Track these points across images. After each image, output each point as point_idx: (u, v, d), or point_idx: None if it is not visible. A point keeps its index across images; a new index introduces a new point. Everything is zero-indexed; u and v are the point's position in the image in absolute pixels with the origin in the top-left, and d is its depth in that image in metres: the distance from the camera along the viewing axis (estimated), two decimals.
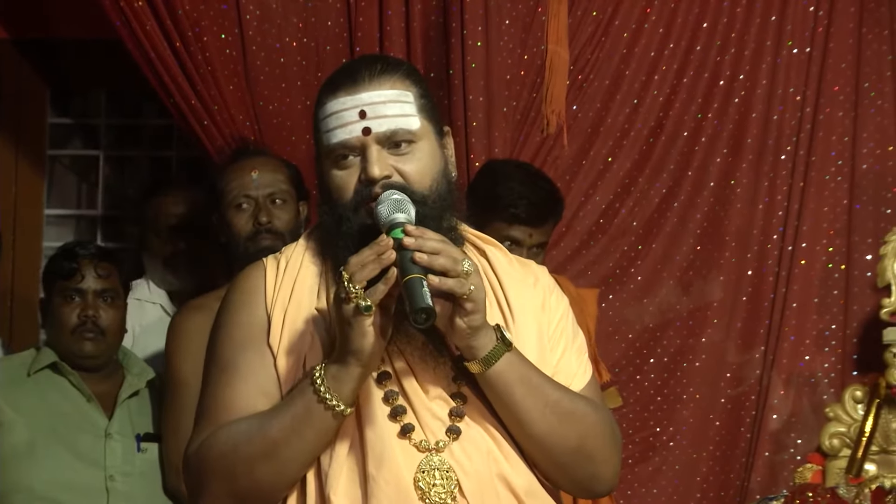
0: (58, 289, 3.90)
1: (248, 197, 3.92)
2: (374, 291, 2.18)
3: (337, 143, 2.32)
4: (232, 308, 2.38)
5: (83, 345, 3.88)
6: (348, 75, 2.34)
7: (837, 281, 4.39)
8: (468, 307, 2.22)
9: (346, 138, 2.31)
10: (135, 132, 5.40)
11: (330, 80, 2.36)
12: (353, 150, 2.32)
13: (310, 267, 2.38)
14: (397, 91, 2.34)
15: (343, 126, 2.31)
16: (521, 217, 3.87)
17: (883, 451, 4.14)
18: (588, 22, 4.40)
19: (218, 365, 2.34)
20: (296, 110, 4.38)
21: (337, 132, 2.32)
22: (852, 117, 4.41)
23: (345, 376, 2.22)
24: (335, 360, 2.23)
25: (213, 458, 2.26)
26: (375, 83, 2.33)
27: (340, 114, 2.32)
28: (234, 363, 2.32)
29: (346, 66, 2.39)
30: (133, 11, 4.22)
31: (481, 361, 2.27)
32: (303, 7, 4.39)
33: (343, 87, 2.33)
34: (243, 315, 2.35)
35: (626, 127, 4.43)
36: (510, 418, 2.31)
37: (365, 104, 2.31)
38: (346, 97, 2.32)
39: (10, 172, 5.13)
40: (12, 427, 3.81)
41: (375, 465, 2.25)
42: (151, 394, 4.00)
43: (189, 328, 3.90)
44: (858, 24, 4.42)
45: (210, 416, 2.31)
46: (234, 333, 2.34)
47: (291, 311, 2.33)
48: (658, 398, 4.40)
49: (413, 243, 2.19)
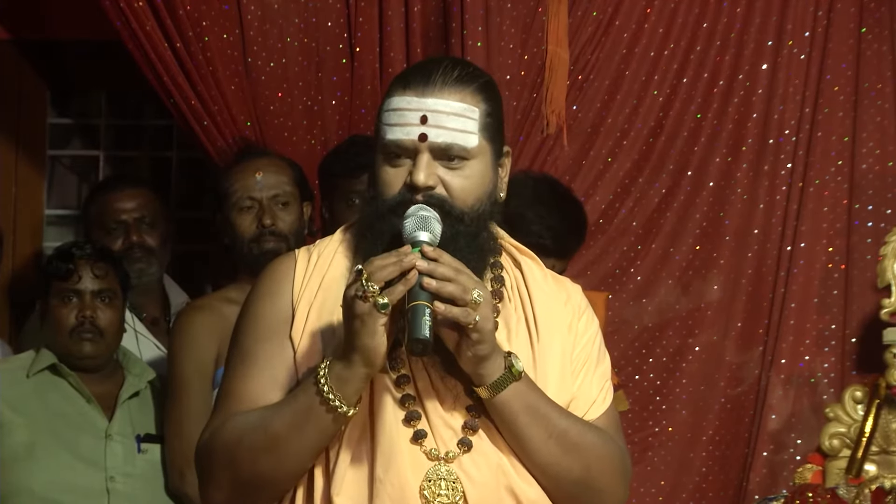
0: (55, 290, 3.89)
1: (252, 199, 3.92)
2: (391, 291, 2.18)
3: (392, 140, 2.32)
4: (257, 298, 2.38)
5: (82, 346, 3.88)
6: (423, 75, 2.33)
7: (837, 281, 4.39)
8: (474, 337, 2.23)
9: (402, 139, 2.31)
10: (135, 132, 5.40)
11: (404, 74, 2.36)
12: (406, 151, 2.31)
13: (341, 261, 2.37)
14: (464, 105, 2.32)
15: (402, 125, 2.31)
16: (548, 248, 3.87)
17: (883, 452, 4.14)
18: (588, 22, 4.40)
19: (238, 354, 2.35)
20: (297, 110, 4.38)
21: (395, 129, 2.31)
22: (852, 117, 4.41)
23: (349, 376, 2.22)
24: (340, 358, 2.22)
25: (219, 447, 2.28)
26: (446, 91, 2.32)
27: (403, 112, 2.31)
28: (254, 353, 2.32)
29: (423, 63, 2.39)
30: (133, 12, 4.21)
31: (488, 388, 2.28)
32: (303, 7, 4.39)
33: (413, 85, 2.32)
34: (267, 306, 2.35)
35: (626, 127, 4.43)
36: (514, 444, 2.32)
37: (428, 110, 2.30)
38: (412, 97, 2.31)
39: (10, 173, 5.12)
40: (12, 429, 3.81)
41: (384, 468, 2.26)
42: (152, 394, 3.99)
43: (192, 328, 3.91)
44: (858, 24, 4.42)
45: (224, 405, 2.32)
46: (257, 324, 2.35)
47: (317, 305, 2.32)
48: (657, 398, 4.40)
49: (425, 267, 2.20)
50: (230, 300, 3.96)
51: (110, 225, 4.34)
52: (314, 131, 4.41)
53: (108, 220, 4.34)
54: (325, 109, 4.42)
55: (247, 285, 3.94)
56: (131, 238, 4.32)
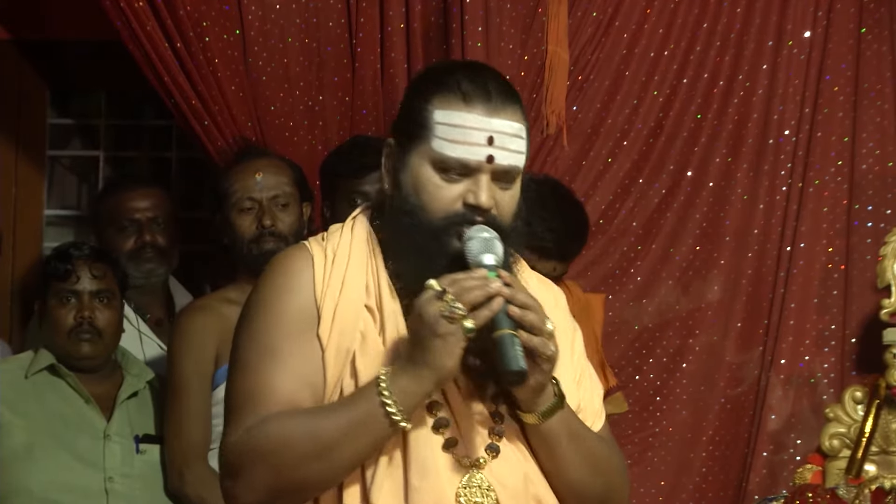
0: (53, 290, 3.89)
1: (252, 199, 3.92)
2: (477, 316, 2.18)
3: (455, 158, 2.27)
4: (276, 293, 2.31)
5: (80, 346, 3.88)
6: (481, 90, 2.29)
7: (837, 281, 4.39)
8: (545, 367, 2.24)
9: (469, 158, 2.27)
10: (135, 133, 5.40)
11: (458, 85, 2.30)
12: (468, 170, 2.28)
13: (359, 259, 2.33)
14: (520, 125, 2.31)
15: (468, 145, 2.27)
16: (550, 251, 3.87)
17: (883, 452, 4.15)
18: (588, 23, 4.40)
19: (260, 349, 2.28)
20: (297, 111, 4.38)
21: (459, 147, 2.27)
22: (852, 118, 4.41)
23: (416, 390, 2.21)
24: (407, 371, 2.21)
25: (260, 449, 2.22)
26: (507, 110, 2.29)
27: (469, 131, 2.27)
28: (280, 350, 2.27)
29: (471, 74, 2.32)
30: (134, 12, 4.21)
31: (539, 415, 2.30)
32: (304, 7, 4.39)
33: (475, 102, 2.28)
34: (290, 301, 2.30)
35: (626, 127, 4.43)
36: (549, 464, 2.33)
37: (495, 131, 2.28)
38: (478, 116, 2.27)
39: (10, 173, 5.12)
40: (11, 429, 3.80)
41: (419, 476, 2.25)
42: (151, 395, 3.99)
43: (192, 329, 3.91)
44: (858, 24, 4.42)
45: (254, 402, 2.26)
46: (281, 319, 2.29)
47: (342, 305, 2.29)
48: (657, 398, 4.40)
49: (508, 293, 2.19)
50: (230, 300, 3.97)
51: (123, 223, 4.34)
52: (315, 131, 4.41)
53: (121, 218, 4.34)
54: (325, 110, 4.42)
55: (246, 285, 3.95)
56: (144, 237, 4.32)
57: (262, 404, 2.25)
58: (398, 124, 2.35)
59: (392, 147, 2.34)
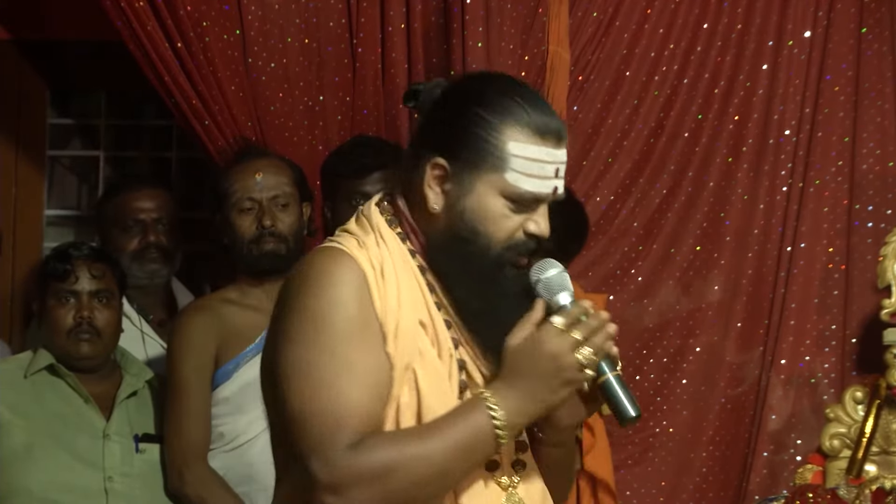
0: (52, 291, 3.88)
1: (252, 200, 3.92)
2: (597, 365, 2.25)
3: (530, 192, 2.28)
4: (338, 299, 2.24)
5: (79, 346, 3.87)
6: (551, 123, 2.30)
7: (837, 281, 4.39)
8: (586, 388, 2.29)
9: (542, 192, 2.29)
10: (135, 133, 5.40)
11: (529, 116, 2.29)
12: (537, 202, 2.30)
13: (405, 274, 2.30)
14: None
15: (542, 178, 2.28)
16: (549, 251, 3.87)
17: (883, 452, 4.15)
18: (588, 23, 4.40)
19: (334, 358, 2.22)
20: (298, 111, 4.38)
21: (535, 181, 2.28)
22: (853, 117, 4.41)
23: (525, 419, 2.24)
24: (521, 399, 2.22)
25: (372, 471, 2.18)
26: (565, 140, 2.32)
27: (544, 165, 2.28)
28: (354, 363, 2.23)
29: (542, 107, 2.32)
30: (134, 12, 4.21)
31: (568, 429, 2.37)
32: (304, 7, 4.39)
33: (548, 135, 2.29)
34: (357, 311, 2.24)
35: (627, 127, 4.43)
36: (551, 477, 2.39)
37: (559, 163, 2.30)
38: (551, 149, 2.29)
39: (10, 173, 5.12)
40: (10, 429, 3.80)
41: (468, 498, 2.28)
42: (150, 394, 3.99)
43: (192, 329, 3.91)
44: (859, 24, 4.42)
45: (344, 419, 2.20)
46: (351, 332, 2.23)
47: (402, 322, 2.26)
48: (658, 398, 4.40)
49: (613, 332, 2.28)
50: (229, 301, 3.97)
51: (128, 223, 4.33)
52: (315, 132, 4.41)
53: (126, 218, 4.34)
54: (326, 110, 4.42)
55: (246, 286, 3.97)
56: (148, 238, 4.32)
57: (352, 422, 2.20)
58: (452, 147, 2.30)
59: (445, 168, 2.30)
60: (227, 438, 3.92)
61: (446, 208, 2.30)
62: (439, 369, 2.27)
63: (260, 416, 3.87)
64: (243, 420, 3.91)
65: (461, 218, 2.29)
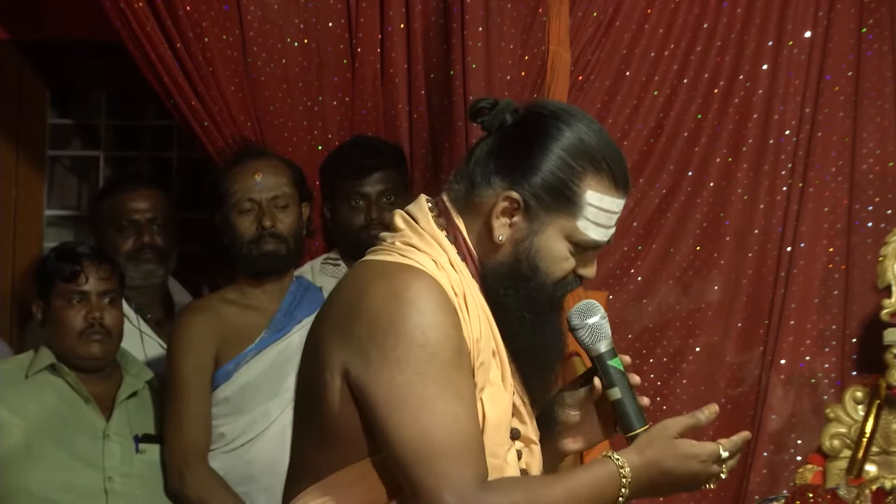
0: (59, 292, 3.87)
1: (252, 200, 3.93)
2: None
3: (595, 240, 2.33)
4: (441, 324, 2.22)
5: (90, 347, 3.87)
6: (626, 176, 2.35)
7: (837, 281, 4.38)
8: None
9: (604, 241, 2.35)
10: (135, 133, 5.40)
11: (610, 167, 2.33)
12: (595, 248, 2.35)
13: (481, 304, 2.32)
14: None
15: (607, 228, 2.34)
16: None
17: (883, 452, 4.15)
18: (588, 23, 4.39)
19: (448, 389, 2.21)
20: (297, 111, 4.38)
21: (601, 230, 2.33)
22: (853, 117, 4.41)
23: (639, 492, 2.29)
24: (644, 473, 2.28)
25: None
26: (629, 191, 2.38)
27: (612, 216, 2.34)
28: (464, 393, 2.23)
29: (620, 160, 2.36)
30: (133, 12, 4.21)
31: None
32: (304, 8, 4.39)
33: (622, 187, 2.35)
34: (459, 339, 2.24)
35: (627, 127, 4.43)
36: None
37: (620, 211, 2.35)
38: (621, 201, 2.34)
39: (11, 173, 5.12)
40: (10, 429, 3.80)
41: None
42: (150, 394, 3.99)
43: (192, 329, 3.92)
44: (859, 24, 4.42)
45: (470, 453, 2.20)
46: (456, 358, 2.23)
47: (483, 352, 2.28)
48: (658, 398, 4.39)
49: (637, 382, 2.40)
50: (229, 301, 3.97)
51: (123, 224, 4.33)
52: (314, 132, 4.41)
53: (120, 218, 4.34)
54: (325, 110, 4.42)
55: (246, 286, 3.98)
56: (143, 238, 4.32)
57: (477, 455, 2.21)
58: (532, 185, 2.31)
59: (518, 203, 2.31)
60: (227, 439, 3.92)
61: (511, 242, 2.32)
62: (504, 399, 2.30)
63: (260, 416, 3.91)
64: (243, 420, 3.91)
65: (526, 255, 2.31)
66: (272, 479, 3.85)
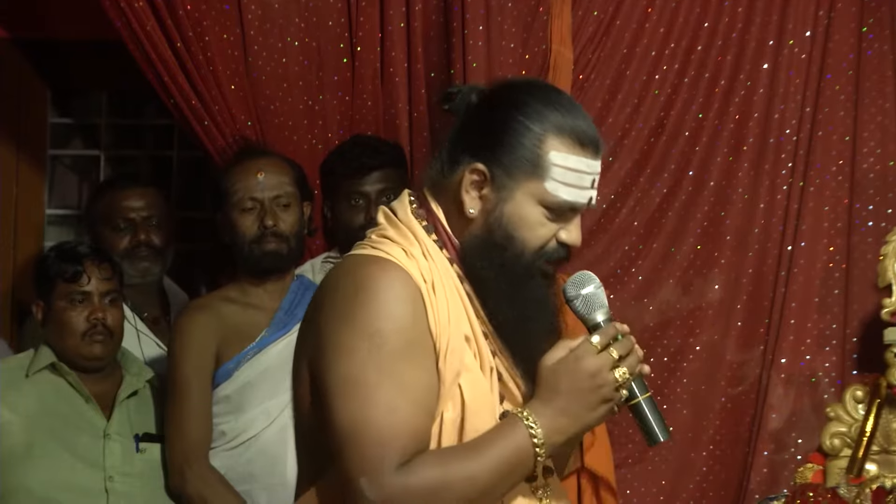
0: (61, 292, 3.86)
1: (254, 199, 3.92)
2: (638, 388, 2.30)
3: (569, 202, 2.30)
4: (394, 315, 2.23)
5: (93, 348, 3.86)
6: (590, 134, 2.31)
7: (838, 280, 4.38)
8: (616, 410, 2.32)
9: (580, 202, 2.31)
10: (136, 132, 5.40)
11: (573, 127, 2.31)
12: (572, 212, 2.32)
13: (452, 287, 2.30)
14: None
15: (580, 189, 2.30)
16: None
17: (884, 451, 4.15)
18: (589, 22, 4.40)
19: (390, 376, 2.21)
20: (297, 110, 4.38)
21: (573, 191, 2.29)
22: (853, 116, 4.41)
23: (562, 437, 2.25)
24: (559, 417, 2.23)
25: (420, 492, 2.19)
26: (601, 153, 2.34)
27: (582, 175, 2.30)
28: (407, 382, 2.22)
29: (583, 119, 2.33)
30: (134, 12, 4.22)
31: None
32: (304, 7, 4.39)
33: (589, 146, 2.31)
34: (414, 329, 2.24)
35: (627, 127, 4.43)
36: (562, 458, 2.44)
37: (596, 174, 2.32)
38: (590, 160, 2.31)
39: (11, 172, 5.12)
40: (10, 428, 3.80)
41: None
42: (151, 394, 3.99)
43: (192, 328, 3.91)
44: (859, 23, 4.42)
45: (396, 436, 2.20)
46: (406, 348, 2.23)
47: (452, 339, 2.27)
48: (658, 397, 4.33)
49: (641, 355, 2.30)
50: (230, 300, 3.97)
51: (118, 222, 4.32)
52: (315, 131, 4.41)
53: (116, 217, 4.33)
54: (325, 109, 4.42)
55: (247, 285, 3.98)
56: (139, 237, 4.31)
57: (402, 442, 2.19)
58: (493, 153, 2.31)
59: (484, 174, 2.31)
60: (228, 437, 3.92)
61: (483, 214, 2.31)
62: (483, 383, 2.28)
63: (261, 415, 3.92)
64: (244, 418, 3.91)
65: (498, 224, 2.30)
66: (273, 477, 3.86)
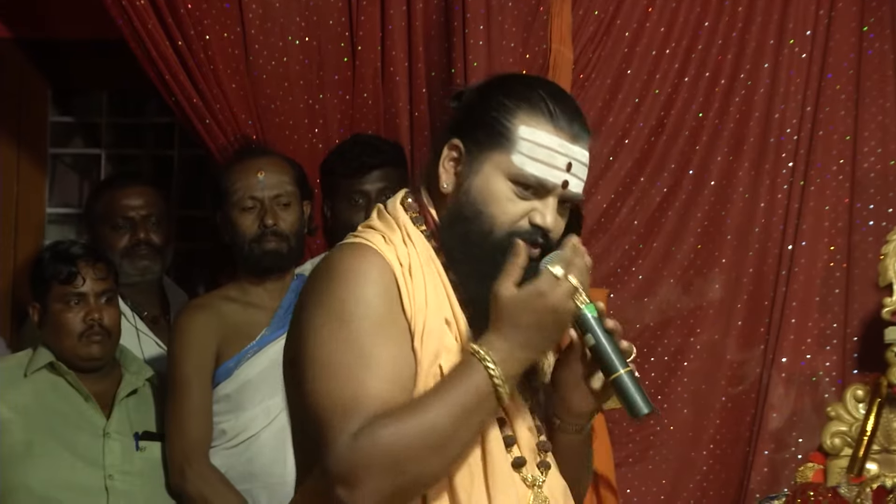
0: (57, 293, 3.86)
1: (254, 198, 3.92)
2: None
3: (535, 176, 2.27)
4: (364, 297, 2.23)
5: (91, 348, 3.86)
6: (569, 118, 2.30)
7: (839, 280, 4.39)
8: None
9: (548, 179, 2.28)
10: (136, 131, 5.40)
11: (549, 107, 2.30)
12: (541, 190, 2.29)
13: (430, 271, 2.30)
14: (588, 157, 2.34)
15: (549, 166, 2.27)
16: None
17: (884, 451, 4.15)
18: (590, 21, 4.40)
19: (354, 351, 2.20)
20: (298, 109, 4.38)
21: (540, 167, 2.27)
22: (854, 116, 4.41)
23: (520, 368, 2.22)
24: (516, 350, 2.19)
25: (377, 455, 2.15)
26: (585, 140, 2.31)
27: (553, 154, 2.27)
28: (374, 356, 2.21)
29: (564, 98, 2.33)
30: (135, 10, 4.22)
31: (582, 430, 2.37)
32: (305, 6, 4.39)
33: (563, 127, 2.29)
34: (383, 307, 2.23)
35: (628, 126, 4.43)
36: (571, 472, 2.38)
37: (574, 158, 2.28)
38: (563, 141, 2.28)
39: (12, 171, 5.13)
40: (10, 428, 3.80)
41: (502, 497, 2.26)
42: (150, 392, 3.99)
43: (192, 327, 3.91)
44: (860, 22, 4.42)
45: (354, 407, 2.18)
46: (375, 326, 2.22)
47: (429, 321, 2.26)
48: (658, 397, 4.40)
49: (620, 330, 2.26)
50: (230, 298, 3.97)
51: (117, 221, 4.32)
52: (315, 130, 4.41)
53: (115, 216, 4.33)
54: (326, 108, 4.42)
55: (247, 284, 3.98)
56: (138, 235, 4.31)
57: (362, 408, 2.18)
58: (469, 129, 2.32)
59: (459, 149, 2.32)
60: (228, 436, 3.92)
61: (455, 188, 2.31)
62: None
63: (261, 414, 3.92)
64: (244, 417, 3.91)
65: (467, 197, 2.29)
66: (273, 476, 3.86)
